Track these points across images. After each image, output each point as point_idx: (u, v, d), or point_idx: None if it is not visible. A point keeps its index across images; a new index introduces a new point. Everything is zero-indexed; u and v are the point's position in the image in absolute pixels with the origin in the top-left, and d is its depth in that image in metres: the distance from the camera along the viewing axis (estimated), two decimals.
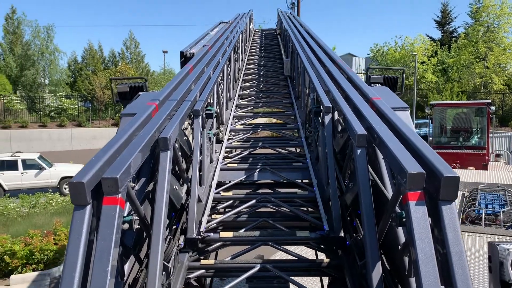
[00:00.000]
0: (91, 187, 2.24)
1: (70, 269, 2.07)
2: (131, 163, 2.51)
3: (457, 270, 2.02)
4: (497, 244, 3.29)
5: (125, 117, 4.20)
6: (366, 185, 2.82)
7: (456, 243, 2.08)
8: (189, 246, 3.58)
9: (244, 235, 3.81)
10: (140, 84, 6.15)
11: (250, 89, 9.50)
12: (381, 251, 2.85)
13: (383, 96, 3.81)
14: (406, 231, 2.44)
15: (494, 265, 3.27)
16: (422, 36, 43.59)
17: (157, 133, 3.15)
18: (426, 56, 41.34)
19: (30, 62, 40.13)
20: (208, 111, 4.68)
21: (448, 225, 2.13)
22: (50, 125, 35.73)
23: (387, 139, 2.69)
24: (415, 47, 41.54)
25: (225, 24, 13.54)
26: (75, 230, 2.16)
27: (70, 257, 2.10)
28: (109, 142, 2.78)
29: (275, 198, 4.40)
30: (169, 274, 2.86)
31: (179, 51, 8.87)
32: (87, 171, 2.27)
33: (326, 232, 3.60)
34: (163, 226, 2.71)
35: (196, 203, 3.73)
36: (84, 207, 2.20)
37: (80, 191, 2.17)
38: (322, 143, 4.29)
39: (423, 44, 42.34)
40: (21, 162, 19.19)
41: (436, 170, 2.20)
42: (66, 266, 2.08)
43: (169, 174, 3.00)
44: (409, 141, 2.67)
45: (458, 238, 2.11)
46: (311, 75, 5.60)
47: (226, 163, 5.32)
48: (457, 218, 2.16)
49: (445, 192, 2.15)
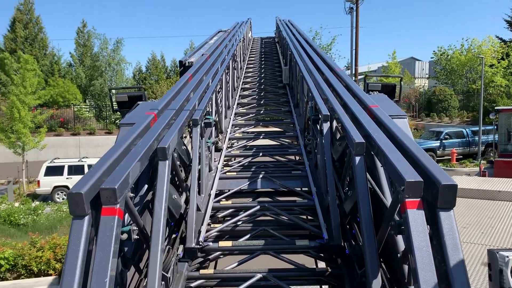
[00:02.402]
0: (90, 198, 2.24)
1: (68, 280, 2.06)
2: (130, 173, 2.50)
3: (456, 278, 2.01)
4: (496, 251, 3.27)
5: (124, 126, 4.18)
6: (364, 193, 2.82)
7: (455, 251, 2.08)
8: (188, 256, 3.56)
9: (244, 244, 3.79)
10: (139, 93, 6.16)
11: (249, 97, 9.52)
12: (380, 260, 2.83)
13: (381, 104, 3.81)
14: (405, 239, 2.44)
15: (493, 272, 3.25)
16: (492, 37, 40.57)
17: (155, 142, 3.14)
18: (496, 58, 38.27)
19: (98, 72, 42.06)
20: (207, 119, 4.70)
21: (447, 233, 2.12)
22: (115, 132, 36.86)
23: (385, 147, 2.68)
24: (483, 50, 38.20)
25: (224, 33, 13.59)
26: (73, 241, 2.15)
27: (69, 268, 2.09)
28: (108, 152, 2.78)
29: (274, 206, 4.39)
30: (168, 285, 2.83)
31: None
32: (85, 182, 2.27)
33: (326, 241, 3.58)
34: (162, 236, 2.69)
35: (195, 212, 3.70)
36: (82, 217, 2.20)
37: (78, 202, 2.17)
38: (321, 151, 4.30)
39: (492, 46, 39.30)
40: (87, 166, 20.35)
41: (434, 178, 2.20)
42: (64, 277, 2.08)
43: (167, 184, 2.98)
44: (407, 149, 2.67)
45: (457, 246, 2.10)
46: (309, 83, 5.61)
47: (225, 171, 5.30)
48: (455, 226, 2.16)
49: (444, 200, 2.15)
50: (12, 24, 42.47)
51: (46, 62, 42.67)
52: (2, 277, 10.22)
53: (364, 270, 2.63)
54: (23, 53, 28.42)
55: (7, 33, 42.56)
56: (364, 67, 52.39)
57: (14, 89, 22.58)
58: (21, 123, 21.85)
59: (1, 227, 15.28)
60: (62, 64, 45.82)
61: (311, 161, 5.29)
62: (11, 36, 41.95)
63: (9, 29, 42.76)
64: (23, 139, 22.10)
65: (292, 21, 15.63)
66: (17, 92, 22.19)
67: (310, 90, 5.33)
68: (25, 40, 42.10)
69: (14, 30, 41.88)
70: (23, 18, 42.42)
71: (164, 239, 2.80)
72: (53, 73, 42.10)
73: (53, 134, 31.64)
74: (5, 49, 41.23)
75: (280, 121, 8.00)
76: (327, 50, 38.64)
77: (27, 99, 22.38)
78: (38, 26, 43.66)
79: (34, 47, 42.37)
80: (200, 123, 4.36)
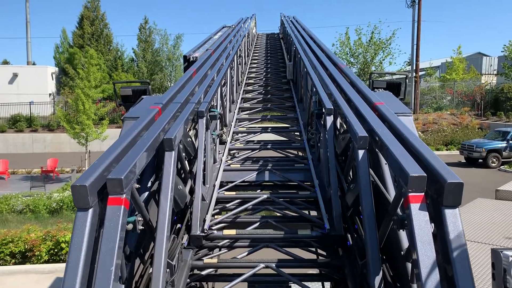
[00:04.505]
0: (95, 190, 2.26)
1: (72, 271, 2.08)
2: (136, 164, 2.54)
3: (461, 276, 2.01)
4: (500, 250, 3.19)
5: (128, 120, 4.22)
6: (367, 185, 2.86)
7: (460, 249, 2.08)
8: (193, 243, 3.66)
9: (247, 233, 3.87)
10: (143, 87, 6.13)
11: (253, 92, 9.61)
12: (383, 257, 2.93)
13: (386, 101, 3.82)
14: (407, 233, 2.46)
15: (497, 272, 3.17)
16: None
17: (162, 133, 3.19)
18: None
19: (158, 67, 44.08)
20: (212, 112, 4.78)
21: (452, 231, 2.13)
22: None
23: (388, 142, 2.71)
24: None
25: (228, 28, 13.74)
26: (77, 233, 2.17)
27: (72, 259, 2.11)
28: (112, 145, 2.80)
29: (277, 198, 4.48)
30: (173, 272, 2.91)
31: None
32: (90, 174, 2.29)
33: (327, 231, 3.67)
34: (168, 224, 2.75)
35: (200, 201, 3.79)
36: (86, 210, 2.22)
37: (82, 195, 2.19)
38: (324, 145, 4.36)
39: None
40: None
41: (440, 176, 2.20)
42: (68, 268, 2.09)
43: (174, 174, 3.04)
44: (412, 146, 2.67)
45: (462, 244, 2.10)
46: (313, 78, 5.68)
47: (230, 164, 5.40)
48: (461, 224, 2.16)
49: (449, 198, 2.15)
50: (80, 21, 44.88)
51: (110, 57, 44.69)
52: (64, 260, 10.85)
53: (365, 262, 2.67)
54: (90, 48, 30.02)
55: (75, 29, 45.08)
56: (426, 62, 50.38)
57: (79, 83, 23.78)
58: (85, 115, 22.93)
59: (65, 213, 16.23)
60: (125, 59, 47.71)
61: (314, 155, 5.35)
62: (79, 32, 44.39)
63: (77, 26, 45.20)
64: (87, 130, 23.15)
65: (297, 18, 15.75)
66: (82, 86, 23.38)
67: (314, 85, 5.40)
68: (91, 36, 44.34)
69: (82, 26, 44.28)
70: (90, 15, 44.70)
71: (170, 228, 2.85)
72: (117, 67, 44.02)
73: (115, 126, 32.58)
74: (74, 44, 43.73)
75: (284, 115, 8.08)
76: (386, 45, 37.53)
77: (91, 92, 23.46)
78: (103, 22, 45.85)
79: (100, 43, 44.54)
80: (206, 115, 4.44)
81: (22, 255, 10.92)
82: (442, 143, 31.17)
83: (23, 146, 33.31)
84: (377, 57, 38.46)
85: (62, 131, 30.70)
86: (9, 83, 39.95)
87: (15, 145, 33.26)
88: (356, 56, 38.57)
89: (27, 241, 10.97)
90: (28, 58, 45.05)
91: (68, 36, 46.16)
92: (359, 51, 38.34)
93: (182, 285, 3.11)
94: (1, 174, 23.73)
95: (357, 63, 38.64)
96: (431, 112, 37.69)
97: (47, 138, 33.68)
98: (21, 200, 16.48)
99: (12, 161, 25.49)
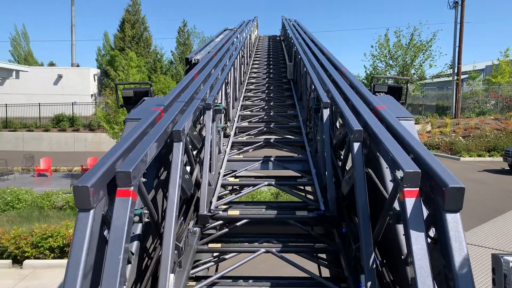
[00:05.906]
0: (97, 190, 2.27)
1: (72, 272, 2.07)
2: (145, 156, 2.64)
3: (461, 281, 2.01)
4: (501, 256, 3.15)
5: (130, 121, 4.27)
6: (361, 176, 3.00)
7: (461, 254, 2.08)
8: (200, 222, 3.97)
9: (250, 213, 4.16)
10: (145, 89, 6.08)
11: (255, 91, 10.07)
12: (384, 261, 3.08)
13: (387, 105, 3.88)
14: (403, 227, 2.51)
15: (498, 277, 3.14)
16: None
17: (171, 125, 3.38)
18: None
19: None
20: (217, 106, 5.02)
21: (453, 236, 2.12)
22: None
23: (384, 140, 2.79)
24: None
25: (230, 31, 14.12)
26: (78, 234, 2.17)
27: (73, 260, 2.10)
28: (115, 145, 2.83)
29: (277, 184, 4.89)
30: (180, 254, 3.08)
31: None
32: (91, 175, 2.29)
33: (322, 212, 3.98)
34: (176, 209, 2.91)
35: (207, 186, 4.11)
36: (88, 210, 2.20)
37: (84, 195, 2.18)
38: (321, 136, 4.64)
39: None
40: None
41: (441, 181, 2.18)
42: (68, 269, 2.09)
43: (181, 163, 3.18)
44: (413, 150, 2.69)
45: (463, 248, 2.10)
46: (312, 75, 6.03)
47: (233, 154, 5.79)
48: (462, 228, 2.15)
49: (451, 203, 2.15)
50: (122, 24, 46.25)
51: (149, 59, 45.77)
52: None
53: (358, 245, 2.81)
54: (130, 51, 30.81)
55: (117, 32, 46.47)
56: (469, 65, 48.63)
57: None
58: (124, 116, 23.60)
59: None
60: (164, 62, 48.83)
61: (312, 147, 5.71)
62: (120, 35, 45.74)
63: (118, 29, 46.60)
64: None
65: (298, 21, 16.13)
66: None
67: (312, 82, 5.67)
68: (132, 39, 45.60)
69: (123, 29, 45.60)
70: (131, 19, 45.99)
71: (178, 214, 3.00)
72: (156, 70, 45.02)
73: None
74: (115, 47, 45.05)
75: (284, 112, 8.37)
76: (426, 47, 36.57)
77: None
78: (143, 25, 47.07)
79: (140, 45, 45.74)
80: (212, 107, 4.71)
81: (60, 250, 11.28)
82: (484, 149, 29.92)
83: (65, 145, 34.62)
84: (417, 59, 37.57)
85: (102, 131, 31.68)
86: (54, 84, 41.66)
87: (58, 143, 34.62)
88: (395, 59, 37.81)
89: (66, 237, 11.33)
90: (73, 60, 46.82)
91: (110, 39, 47.68)
92: (398, 53, 37.57)
93: (188, 266, 3.30)
94: (44, 172, 24.72)
95: (396, 65, 37.86)
96: (473, 116, 36.41)
97: (88, 138, 34.89)
98: (61, 197, 16.95)
99: (55, 159, 26.46)
